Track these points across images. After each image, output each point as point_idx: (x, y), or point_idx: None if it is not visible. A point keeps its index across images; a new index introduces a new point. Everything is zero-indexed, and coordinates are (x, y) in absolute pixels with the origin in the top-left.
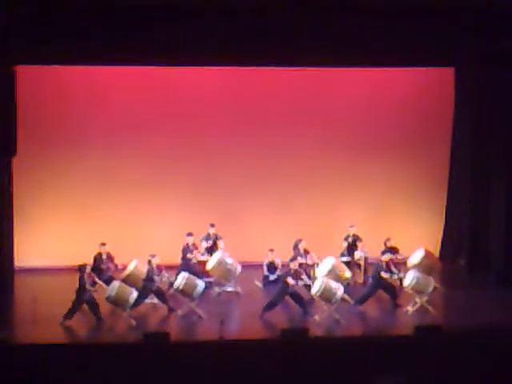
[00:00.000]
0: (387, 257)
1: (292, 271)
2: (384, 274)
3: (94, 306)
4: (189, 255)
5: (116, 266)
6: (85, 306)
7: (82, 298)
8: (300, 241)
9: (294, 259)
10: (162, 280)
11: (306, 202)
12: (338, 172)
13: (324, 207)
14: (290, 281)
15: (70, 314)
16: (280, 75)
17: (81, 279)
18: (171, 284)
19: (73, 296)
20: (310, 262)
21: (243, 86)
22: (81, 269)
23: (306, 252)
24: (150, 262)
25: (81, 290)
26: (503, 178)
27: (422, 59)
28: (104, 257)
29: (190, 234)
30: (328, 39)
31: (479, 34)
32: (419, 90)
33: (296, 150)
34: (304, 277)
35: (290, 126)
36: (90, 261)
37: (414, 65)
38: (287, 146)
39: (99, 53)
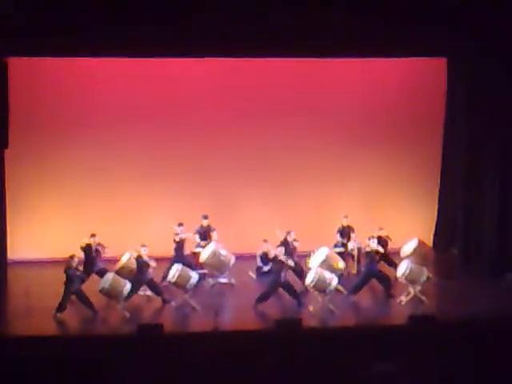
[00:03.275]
0: (373, 241)
1: (277, 258)
2: (377, 264)
3: (82, 297)
4: (176, 244)
5: (105, 249)
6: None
7: (70, 290)
8: (289, 232)
9: (279, 246)
10: (151, 268)
11: (299, 193)
12: (333, 163)
13: (318, 198)
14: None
15: (61, 307)
16: (274, 66)
17: (67, 271)
18: (165, 276)
19: None
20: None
21: (236, 77)
22: (68, 261)
23: (295, 244)
24: (139, 252)
25: (68, 281)
26: (496, 168)
27: (415, 49)
28: (94, 248)
29: (180, 225)
30: (320, 30)
31: (472, 24)
32: (413, 82)
33: (290, 141)
34: (290, 262)
35: (284, 117)
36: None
37: (407, 55)
38: (281, 136)
39: (94, 45)
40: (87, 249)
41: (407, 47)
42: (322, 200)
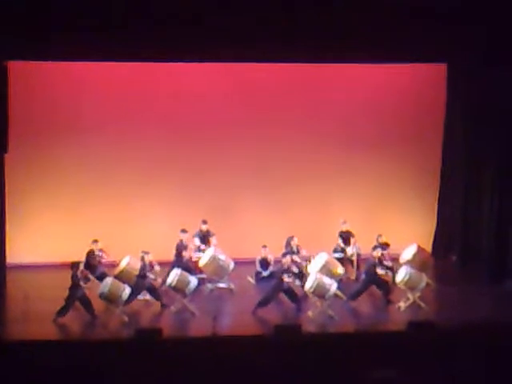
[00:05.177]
0: (377, 252)
1: (285, 267)
2: (377, 270)
3: (87, 303)
4: (184, 253)
5: (107, 256)
6: (77, 303)
7: (75, 296)
8: (292, 238)
9: (285, 255)
10: (155, 278)
11: (299, 198)
12: (332, 168)
13: (317, 203)
14: (286, 278)
15: (63, 311)
16: (276, 70)
17: (73, 276)
18: (164, 280)
19: (65, 293)
20: (299, 259)
21: (238, 82)
22: (73, 266)
23: (299, 249)
24: (143, 259)
25: (74, 287)
26: (495, 174)
27: (414, 55)
28: (97, 253)
29: (184, 231)
30: (324, 36)
31: (472, 30)
32: (413, 89)
33: (290, 146)
34: (295, 271)
35: (284, 121)
36: (83, 258)
37: (405, 61)
38: (281, 141)
39: (93, 49)
40: (89, 254)
41: (406, 53)
42: (321, 206)
